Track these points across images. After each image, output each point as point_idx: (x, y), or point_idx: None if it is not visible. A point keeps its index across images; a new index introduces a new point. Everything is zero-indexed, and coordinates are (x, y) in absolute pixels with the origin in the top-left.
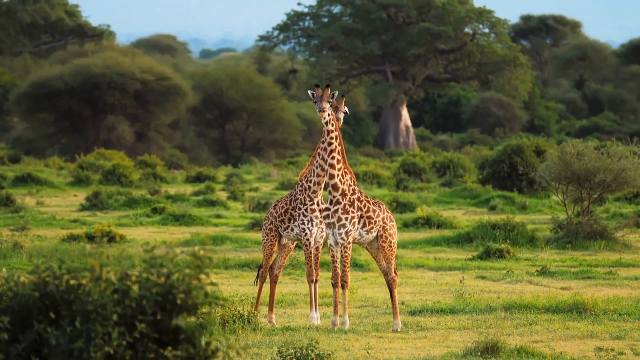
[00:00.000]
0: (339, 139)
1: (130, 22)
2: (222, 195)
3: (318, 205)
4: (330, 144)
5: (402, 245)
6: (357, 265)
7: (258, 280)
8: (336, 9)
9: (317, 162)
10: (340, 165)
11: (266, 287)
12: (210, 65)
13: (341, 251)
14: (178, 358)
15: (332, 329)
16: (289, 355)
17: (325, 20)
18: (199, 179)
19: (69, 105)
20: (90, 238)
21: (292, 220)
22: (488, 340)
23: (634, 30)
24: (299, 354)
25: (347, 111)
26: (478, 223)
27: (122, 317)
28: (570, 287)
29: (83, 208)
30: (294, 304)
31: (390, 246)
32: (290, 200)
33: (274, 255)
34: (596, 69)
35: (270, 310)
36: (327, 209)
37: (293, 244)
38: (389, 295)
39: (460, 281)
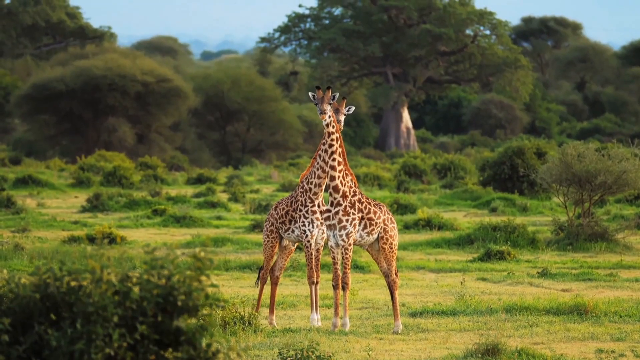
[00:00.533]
0: (340, 141)
1: (132, 24)
2: (223, 197)
3: (319, 207)
4: (331, 145)
5: (403, 246)
6: (357, 267)
7: (259, 281)
8: (337, 10)
9: (317, 163)
10: (341, 167)
11: (267, 288)
12: (211, 67)
13: (342, 253)
14: None
15: (332, 330)
16: (289, 356)
17: (326, 22)
18: (199, 180)
19: (70, 107)
20: (91, 240)
21: (292, 222)
22: (489, 342)
23: (635, 32)
24: (299, 356)
25: (350, 110)
26: (479, 225)
27: (122, 318)
28: (571, 289)
29: (84, 210)
30: (295, 305)
31: (391, 248)
32: (291, 202)
33: (275, 257)
34: (597, 70)
35: (271, 311)
36: (328, 211)
37: (294, 245)
38: (389, 297)
39: (461, 283)
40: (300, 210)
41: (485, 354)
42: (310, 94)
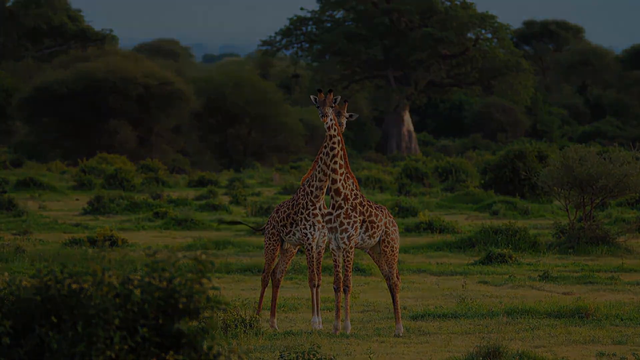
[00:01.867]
0: (342, 144)
1: (133, 26)
2: (225, 199)
3: (320, 209)
4: (332, 148)
5: (404, 249)
6: (359, 270)
7: (226, 223)
8: (339, 14)
9: (319, 166)
10: (343, 170)
11: (268, 291)
12: (213, 70)
13: (343, 256)
14: None
15: (334, 333)
16: (290, 359)
17: (328, 25)
18: (201, 183)
19: (72, 110)
20: (93, 242)
21: (294, 225)
22: (490, 345)
23: (636, 35)
24: (300, 358)
25: (352, 115)
26: (480, 228)
27: (124, 321)
28: (573, 292)
29: (85, 212)
30: (296, 308)
31: (393, 251)
32: (293, 205)
33: (276, 260)
34: (599, 74)
35: (272, 314)
36: (330, 214)
37: (295, 248)
38: (391, 300)
39: (463, 286)
40: (302, 213)
41: (487, 357)
42: (311, 96)
